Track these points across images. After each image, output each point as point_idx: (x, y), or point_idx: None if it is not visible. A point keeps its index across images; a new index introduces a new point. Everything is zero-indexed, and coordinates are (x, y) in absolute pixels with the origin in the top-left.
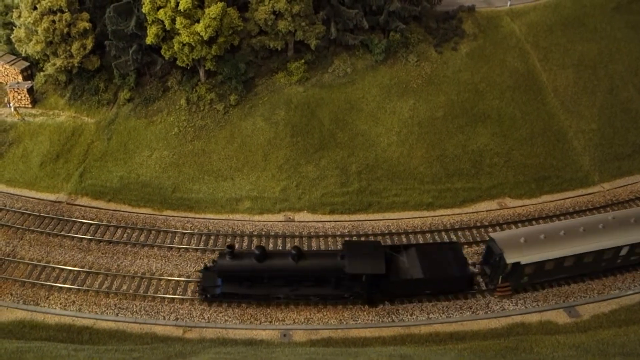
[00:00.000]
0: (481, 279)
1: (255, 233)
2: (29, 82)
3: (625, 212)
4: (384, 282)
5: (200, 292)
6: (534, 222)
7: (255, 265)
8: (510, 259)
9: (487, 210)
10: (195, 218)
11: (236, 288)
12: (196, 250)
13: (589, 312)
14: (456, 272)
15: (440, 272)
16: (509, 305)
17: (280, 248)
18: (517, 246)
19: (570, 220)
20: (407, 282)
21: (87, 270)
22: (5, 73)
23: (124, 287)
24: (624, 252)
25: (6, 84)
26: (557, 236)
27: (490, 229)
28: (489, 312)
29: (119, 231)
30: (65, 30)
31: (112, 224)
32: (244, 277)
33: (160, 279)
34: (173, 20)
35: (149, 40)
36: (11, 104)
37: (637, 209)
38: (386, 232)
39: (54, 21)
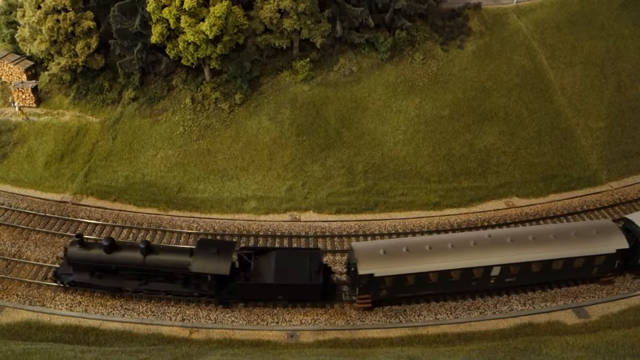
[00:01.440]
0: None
1: (261, 233)
2: (33, 81)
3: (503, 231)
4: (230, 284)
5: (53, 277)
6: (541, 222)
7: (102, 257)
8: (364, 270)
9: (494, 210)
10: (200, 218)
11: (87, 278)
12: None
13: (598, 312)
14: (307, 280)
15: (291, 278)
16: (517, 305)
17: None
18: (374, 257)
19: (440, 236)
20: (255, 286)
21: None
22: (10, 72)
23: None
24: (495, 272)
25: (10, 83)
26: (421, 250)
27: (497, 228)
28: (497, 313)
29: (125, 231)
30: (70, 29)
31: (117, 224)
32: (94, 268)
33: None
34: (178, 19)
35: (153, 39)
36: (15, 104)
37: (517, 228)
38: (393, 232)
39: (58, 20)
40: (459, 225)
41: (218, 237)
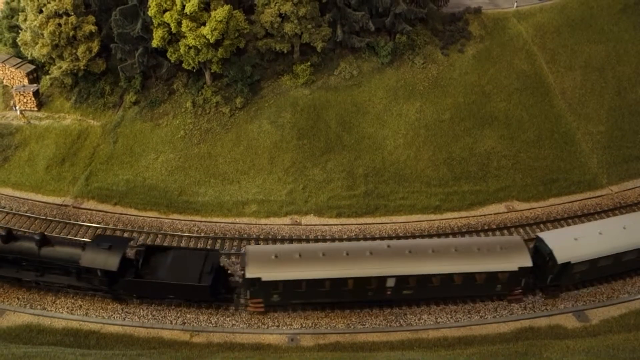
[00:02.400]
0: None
1: (262, 237)
2: (35, 85)
3: (403, 243)
4: (120, 280)
5: None
6: (542, 225)
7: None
8: (252, 273)
9: (494, 214)
10: (201, 221)
11: None
12: None
13: (599, 316)
14: (196, 280)
15: (180, 278)
16: (518, 309)
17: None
18: (264, 262)
19: (337, 244)
20: (145, 283)
21: None
22: (11, 76)
23: None
24: (390, 284)
25: (12, 87)
26: (314, 257)
27: (497, 232)
28: (497, 316)
29: (125, 235)
30: (71, 33)
31: (118, 227)
32: None
33: None
34: (179, 23)
35: (154, 43)
36: (17, 107)
37: (418, 240)
38: (393, 235)
39: (59, 24)
40: (459, 229)
41: (219, 241)
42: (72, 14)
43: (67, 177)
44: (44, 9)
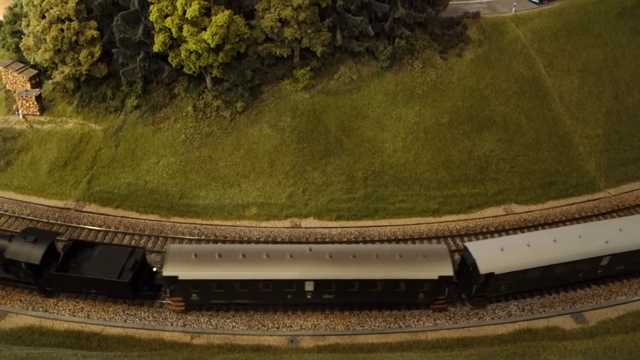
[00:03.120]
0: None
1: (262, 239)
2: (37, 89)
3: (324, 247)
4: (44, 273)
5: None
6: (539, 228)
7: None
8: (169, 271)
9: (493, 216)
10: (202, 224)
11: None
12: None
13: (596, 318)
14: (116, 276)
15: (101, 273)
16: (516, 311)
17: None
18: (182, 260)
19: (258, 246)
20: (68, 277)
21: None
22: (14, 81)
23: None
24: (309, 287)
25: (15, 91)
26: (233, 258)
27: (496, 235)
28: (495, 318)
29: (127, 238)
30: (74, 38)
31: (120, 230)
32: None
33: None
34: (180, 28)
35: (156, 47)
36: (20, 112)
37: (340, 245)
38: (392, 238)
39: (62, 29)
40: (458, 232)
41: (217, 243)
42: (75, 19)
43: (69, 180)
44: (46, 15)
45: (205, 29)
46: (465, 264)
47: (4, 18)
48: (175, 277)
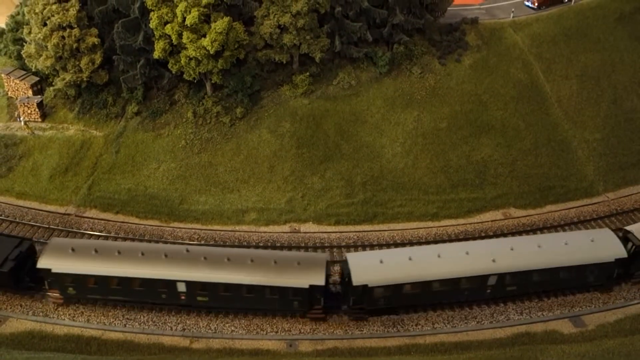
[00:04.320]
0: None
1: (262, 244)
2: (39, 96)
3: (201, 249)
4: None
5: None
6: (538, 232)
7: None
8: (42, 264)
9: (492, 221)
10: (202, 229)
11: None
12: None
13: (594, 321)
14: None
15: None
16: (514, 314)
17: None
18: (60, 254)
19: (136, 244)
20: None
21: None
22: (16, 88)
23: None
24: (182, 288)
25: (16, 98)
26: (109, 254)
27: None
28: (494, 322)
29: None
30: (75, 45)
31: (120, 235)
32: None
33: None
34: (180, 35)
35: (156, 54)
36: (21, 118)
37: (215, 248)
38: (391, 242)
39: (63, 37)
40: (456, 236)
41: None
42: (76, 26)
43: (70, 186)
44: (48, 22)
45: (204, 35)
46: (344, 275)
47: (6, 26)
48: (49, 270)
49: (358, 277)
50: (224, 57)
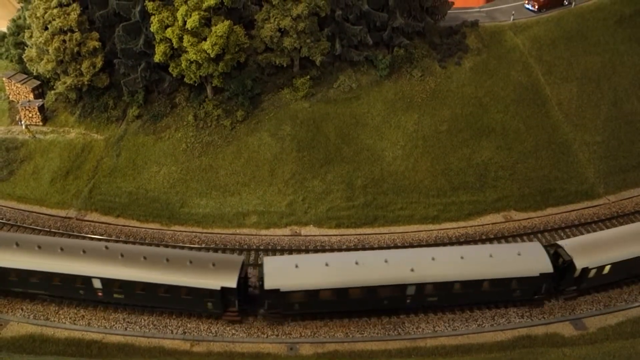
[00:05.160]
0: None
1: (262, 247)
2: (40, 100)
3: (119, 246)
4: None
5: None
6: (539, 235)
7: None
8: None
9: (492, 223)
10: (202, 233)
11: None
12: None
13: (595, 324)
14: None
15: None
16: (515, 317)
17: None
18: None
19: (52, 238)
20: None
21: None
22: (17, 92)
23: None
24: (97, 285)
25: (18, 102)
26: (29, 248)
27: (495, 242)
28: (495, 325)
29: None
30: (76, 49)
31: (120, 239)
32: None
33: None
34: (180, 39)
35: (157, 58)
36: (22, 122)
37: (132, 246)
38: (392, 245)
39: (64, 41)
40: (457, 239)
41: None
42: (77, 30)
43: (71, 189)
44: (49, 26)
45: (205, 39)
46: (259, 279)
47: (8, 30)
48: None
49: (270, 281)
50: (224, 60)
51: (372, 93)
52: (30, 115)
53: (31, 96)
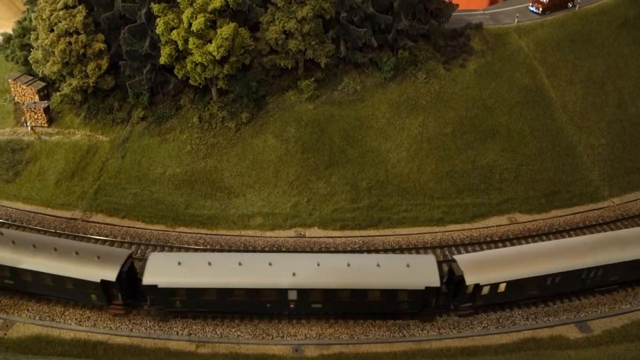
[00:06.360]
0: None
1: (267, 249)
2: (46, 101)
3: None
4: None
5: None
6: (544, 237)
7: None
8: None
9: (497, 226)
10: (207, 234)
11: None
12: None
13: (601, 327)
14: None
15: None
16: (520, 320)
17: None
18: None
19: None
20: None
21: None
22: (23, 93)
23: None
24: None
25: (23, 103)
26: None
27: (500, 244)
28: (500, 327)
29: (133, 247)
30: (81, 51)
31: (126, 240)
32: None
33: None
34: (186, 41)
35: (162, 60)
36: (28, 123)
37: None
38: (397, 247)
39: (70, 43)
40: (462, 241)
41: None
42: (82, 32)
43: (77, 191)
44: (55, 28)
45: (210, 41)
46: (141, 273)
47: (14, 32)
48: None
49: (149, 277)
50: (229, 62)
51: (377, 95)
52: (36, 116)
53: (37, 98)
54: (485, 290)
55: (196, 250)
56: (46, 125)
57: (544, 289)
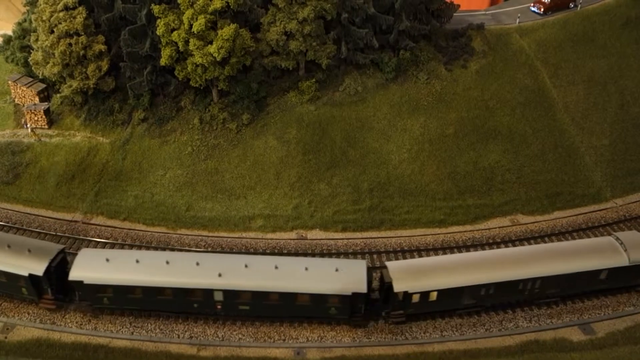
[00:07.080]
0: None
1: (268, 251)
2: (46, 103)
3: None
4: None
5: None
6: (546, 239)
7: None
8: None
9: (499, 227)
10: (208, 236)
11: None
12: None
13: (604, 329)
14: None
15: None
16: (523, 322)
17: None
18: None
19: None
20: None
21: None
22: (23, 95)
23: None
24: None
25: (23, 105)
26: None
27: (502, 246)
28: (502, 330)
29: (134, 249)
30: (82, 52)
31: (126, 242)
32: None
33: None
34: (187, 42)
35: (163, 61)
36: (28, 125)
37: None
38: (398, 249)
39: (70, 44)
40: (464, 243)
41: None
42: (83, 34)
43: (77, 193)
44: (55, 30)
45: (211, 42)
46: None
47: (13, 33)
48: None
49: (75, 273)
50: (230, 63)
51: (378, 96)
52: (36, 118)
53: (37, 99)
54: (416, 298)
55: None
56: (46, 127)
57: (480, 298)
